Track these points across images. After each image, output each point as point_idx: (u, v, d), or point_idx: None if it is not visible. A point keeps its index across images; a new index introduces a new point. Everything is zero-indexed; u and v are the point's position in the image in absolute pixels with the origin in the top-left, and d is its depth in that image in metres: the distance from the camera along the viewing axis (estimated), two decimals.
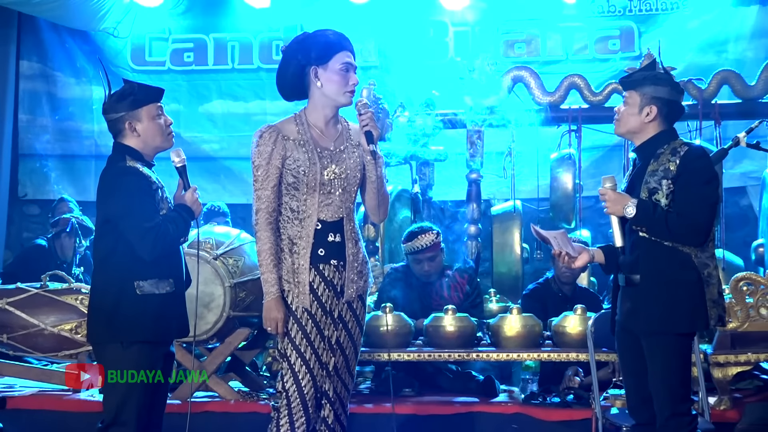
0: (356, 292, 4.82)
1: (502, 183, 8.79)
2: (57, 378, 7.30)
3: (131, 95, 4.88)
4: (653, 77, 4.79)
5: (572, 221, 8.54)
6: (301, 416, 4.71)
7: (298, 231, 4.72)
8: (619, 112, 4.87)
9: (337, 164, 4.75)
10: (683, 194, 4.62)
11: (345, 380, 4.84)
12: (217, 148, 10.96)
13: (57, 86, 11.25)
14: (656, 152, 4.74)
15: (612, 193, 4.77)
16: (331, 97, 4.74)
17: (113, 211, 4.79)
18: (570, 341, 6.58)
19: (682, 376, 4.70)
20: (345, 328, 4.80)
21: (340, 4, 10.47)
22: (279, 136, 4.73)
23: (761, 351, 6.36)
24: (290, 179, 4.71)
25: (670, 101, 4.78)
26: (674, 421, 4.65)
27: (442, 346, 6.64)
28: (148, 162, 4.93)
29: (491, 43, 10.74)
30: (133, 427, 4.76)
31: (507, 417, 6.57)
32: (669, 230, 4.61)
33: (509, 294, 8.16)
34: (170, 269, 4.88)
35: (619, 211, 4.72)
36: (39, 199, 11.17)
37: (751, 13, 10.40)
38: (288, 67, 4.80)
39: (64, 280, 7.51)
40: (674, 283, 4.65)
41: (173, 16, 11.13)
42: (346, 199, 4.77)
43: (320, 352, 4.72)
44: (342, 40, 4.76)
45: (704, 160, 4.73)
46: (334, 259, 4.74)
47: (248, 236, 7.30)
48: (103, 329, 4.83)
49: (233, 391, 6.98)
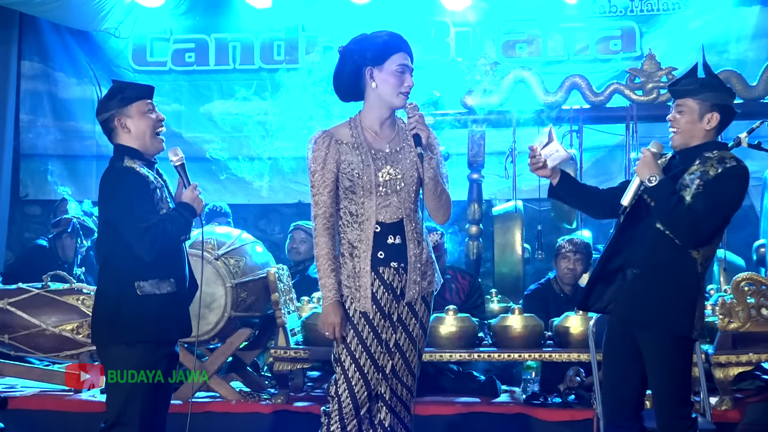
0: (418, 294, 4.74)
1: (503, 183, 8.79)
2: (58, 378, 7.30)
3: (120, 93, 4.90)
4: (710, 84, 4.73)
5: (573, 221, 8.55)
6: (353, 420, 4.67)
7: (358, 234, 4.66)
8: (675, 120, 4.76)
9: (392, 165, 4.68)
10: (704, 196, 4.58)
11: (406, 381, 4.77)
12: (219, 149, 10.91)
13: (58, 86, 11.24)
14: (703, 154, 4.69)
15: (650, 157, 4.67)
16: (385, 99, 4.68)
17: (111, 213, 4.81)
18: (571, 341, 6.58)
19: (682, 378, 4.69)
20: (405, 330, 4.73)
21: (342, 5, 10.47)
22: (332, 141, 4.68)
23: (762, 351, 6.36)
24: (346, 183, 4.66)
25: (728, 107, 4.74)
26: (674, 424, 4.64)
27: (444, 347, 6.64)
28: (148, 160, 4.93)
29: (493, 44, 10.75)
30: (137, 427, 4.76)
31: (508, 417, 6.58)
32: (672, 216, 4.57)
33: (511, 294, 8.16)
34: (171, 269, 4.88)
35: (644, 175, 4.64)
36: (40, 199, 11.17)
37: (753, 13, 10.40)
38: (345, 67, 4.74)
39: (65, 280, 7.52)
40: (675, 284, 4.65)
41: (174, 17, 11.13)
42: (405, 199, 4.69)
43: (377, 356, 4.68)
44: (399, 41, 4.70)
45: (741, 180, 4.68)
46: (394, 262, 4.67)
47: (249, 237, 7.31)
48: (105, 330, 4.84)
49: (234, 392, 6.98)
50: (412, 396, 4.84)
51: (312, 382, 7.33)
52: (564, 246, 7.52)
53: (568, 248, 7.49)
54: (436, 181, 4.65)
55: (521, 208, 8.65)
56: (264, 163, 9.63)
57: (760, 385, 6.88)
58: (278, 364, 6.72)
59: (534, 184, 8.71)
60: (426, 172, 4.61)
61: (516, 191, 8.44)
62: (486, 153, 8.49)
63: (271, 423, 6.71)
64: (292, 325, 6.83)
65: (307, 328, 6.72)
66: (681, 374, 4.68)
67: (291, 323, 6.80)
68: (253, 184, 10.31)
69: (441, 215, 4.78)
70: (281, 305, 6.67)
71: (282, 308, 6.67)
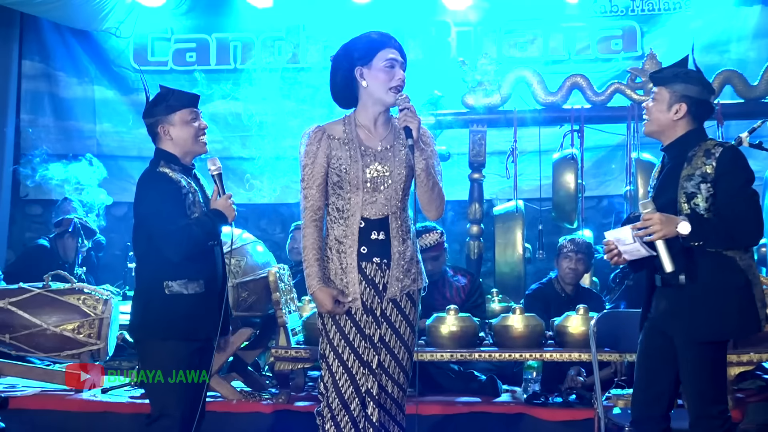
0: (402, 291, 4.77)
1: (504, 183, 8.80)
2: (59, 378, 7.31)
3: (165, 101, 5.06)
4: (684, 74, 4.75)
5: (574, 221, 8.54)
6: (344, 416, 4.69)
7: (344, 230, 4.70)
8: (647, 108, 4.83)
9: (380, 163, 4.70)
10: (728, 197, 4.57)
11: (397, 379, 4.77)
12: (220, 148, 10.93)
13: (59, 86, 11.24)
14: (687, 154, 4.69)
15: (659, 217, 4.57)
16: (377, 96, 4.69)
17: (143, 215, 4.99)
18: (572, 341, 6.57)
19: (716, 378, 4.65)
20: (390, 325, 4.75)
21: (343, 4, 10.47)
22: (324, 135, 4.73)
23: (764, 351, 6.35)
24: (335, 178, 4.70)
25: (700, 100, 4.74)
26: (704, 423, 4.62)
27: (445, 346, 6.63)
28: (185, 165, 5.10)
29: (494, 43, 10.75)
30: (178, 419, 4.96)
31: (509, 417, 6.58)
32: (731, 238, 4.55)
33: (512, 294, 8.17)
34: (201, 271, 5.03)
35: (672, 231, 4.54)
36: (41, 199, 11.16)
37: (754, 13, 10.40)
38: (337, 73, 4.77)
39: (66, 280, 7.52)
40: (723, 290, 4.60)
41: (175, 16, 11.14)
42: (392, 197, 4.71)
43: (361, 350, 4.70)
44: (385, 38, 4.71)
45: (741, 160, 4.66)
46: (376, 257, 4.71)
47: (250, 236, 7.31)
48: (138, 326, 5.08)
49: (235, 391, 6.98)
50: (405, 394, 4.84)
51: (313, 382, 7.33)
52: (566, 246, 7.51)
53: (569, 248, 7.48)
54: (428, 173, 4.64)
55: (522, 208, 8.65)
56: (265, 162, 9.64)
57: (761, 384, 6.88)
58: (279, 364, 6.72)
59: (535, 183, 8.75)
60: (417, 164, 4.62)
61: (517, 191, 8.45)
62: (487, 153, 8.49)
63: (272, 423, 6.71)
64: (293, 325, 6.83)
65: (308, 327, 6.72)
66: (715, 375, 4.65)
67: (292, 323, 6.80)
68: (255, 183, 10.32)
69: (433, 210, 4.77)
70: (282, 305, 6.67)
71: (283, 308, 6.67)
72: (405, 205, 4.79)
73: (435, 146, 4.83)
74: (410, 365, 4.84)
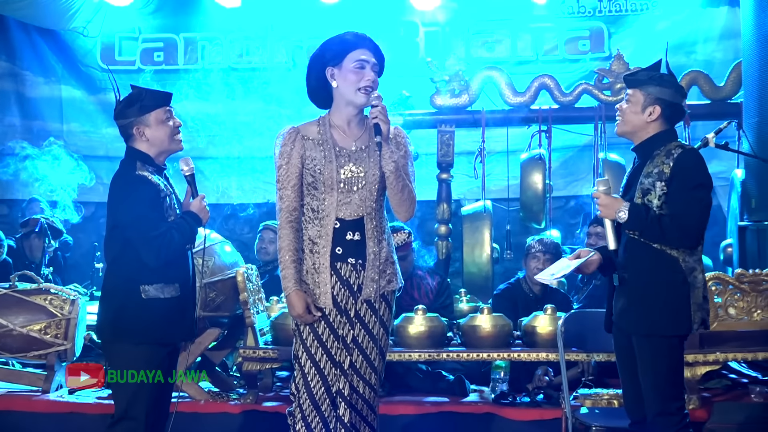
0: (377, 292, 4.75)
1: (472, 183, 8.82)
2: (26, 379, 7.26)
3: (138, 101, 4.98)
4: (659, 78, 4.80)
5: (542, 221, 8.57)
6: (315, 417, 4.69)
7: (318, 231, 4.70)
8: (621, 110, 4.88)
9: (355, 163, 4.70)
10: (676, 197, 4.64)
11: (369, 379, 4.77)
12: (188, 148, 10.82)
13: (26, 85, 11.20)
14: (653, 153, 4.76)
15: (605, 197, 4.76)
16: (347, 97, 4.69)
17: (121, 219, 4.90)
18: (540, 341, 6.59)
19: (672, 375, 4.71)
20: (363, 326, 4.74)
21: (311, 4, 10.47)
22: (299, 136, 4.73)
23: (729, 350, 6.39)
24: (309, 179, 4.70)
25: (673, 103, 4.80)
26: (662, 420, 4.66)
27: (413, 346, 6.63)
28: (158, 166, 5.03)
29: (462, 44, 10.77)
30: (142, 422, 4.90)
31: (477, 417, 6.58)
32: (662, 233, 4.62)
33: (479, 294, 8.18)
34: (176, 275, 4.98)
35: (611, 214, 4.73)
36: (8, 198, 11.10)
37: (720, 14, 10.47)
38: (311, 72, 4.77)
39: (33, 280, 7.47)
40: (661, 285, 4.68)
41: (143, 16, 11.11)
42: (367, 197, 4.71)
43: (333, 351, 4.70)
44: (357, 38, 4.72)
45: (697, 163, 4.71)
46: (351, 258, 4.70)
47: (218, 236, 7.28)
48: (109, 329, 5.00)
49: (203, 392, 6.96)
50: (377, 395, 4.84)
51: (281, 382, 7.31)
52: (534, 246, 7.53)
53: (537, 248, 7.50)
54: (397, 175, 4.63)
55: (490, 208, 8.67)
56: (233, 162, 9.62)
57: (727, 384, 6.91)
58: (247, 364, 6.70)
59: (503, 184, 8.77)
60: (386, 165, 4.61)
61: (485, 191, 8.48)
62: (455, 153, 8.51)
63: (240, 423, 6.69)
64: (261, 325, 6.81)
65: (276, 327, 6.71)
66: (670, 371, 4.71)
67: (260, 323, 6.79)
68: (222, 183, 10.31)
69: (404, 211, 4.76)
70: (250, 305, 6.66)
71: (251, 308, 6.66)
72: (381, 206, 4.79)
73: (410, 148, 4.83)
74: (382, 366, 4.84)
